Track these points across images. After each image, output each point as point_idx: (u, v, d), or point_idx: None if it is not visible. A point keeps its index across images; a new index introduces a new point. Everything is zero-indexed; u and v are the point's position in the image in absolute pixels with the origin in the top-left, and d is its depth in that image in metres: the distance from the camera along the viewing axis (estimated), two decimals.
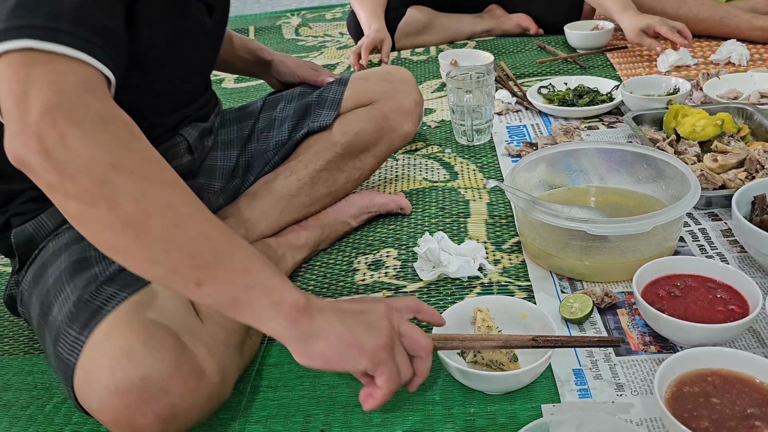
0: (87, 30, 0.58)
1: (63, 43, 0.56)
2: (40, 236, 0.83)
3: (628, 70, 1.68)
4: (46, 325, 0.72)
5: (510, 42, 2.00)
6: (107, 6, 0.62)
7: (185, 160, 0.93)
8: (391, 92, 1.08)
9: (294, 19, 2.70)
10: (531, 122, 1.45)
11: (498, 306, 0.81)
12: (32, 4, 0.56)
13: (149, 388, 0.62)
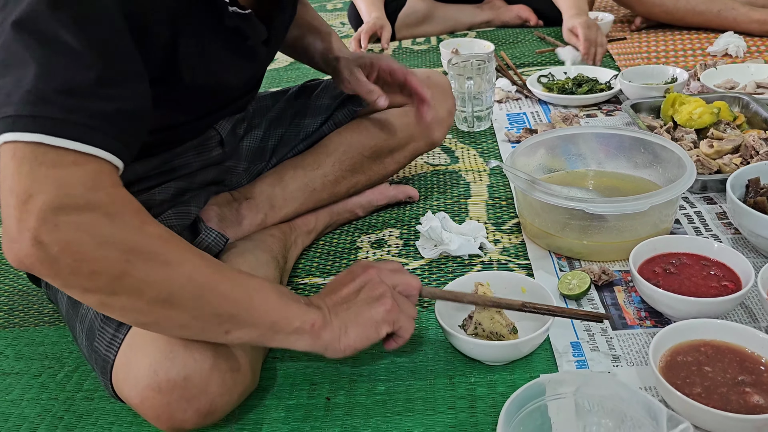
0: (101, 119, 0.55)
1: (74, 139, 0.53)
2: None
3: (627, 60, 1.70)
4: (77, 317, 0.74)
5: (510, 33, 2.02)
6: (127, 85, 0.58)
7: (215, 153, 0.93)
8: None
9: None
10: (531, 110, 1.47)
11: (498, 281, 0.83)
12: (48, 92, 0.53)
13: (190, 388, 0.64)
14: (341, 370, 0.78)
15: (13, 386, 0.81)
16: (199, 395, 0.65)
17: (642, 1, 1.86)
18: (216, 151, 0.94)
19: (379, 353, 0.79)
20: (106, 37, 0.57)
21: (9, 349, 0.88)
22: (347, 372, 0.77)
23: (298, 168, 1.02)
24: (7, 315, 0.96)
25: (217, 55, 0.77)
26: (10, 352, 0.87)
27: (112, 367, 0.68)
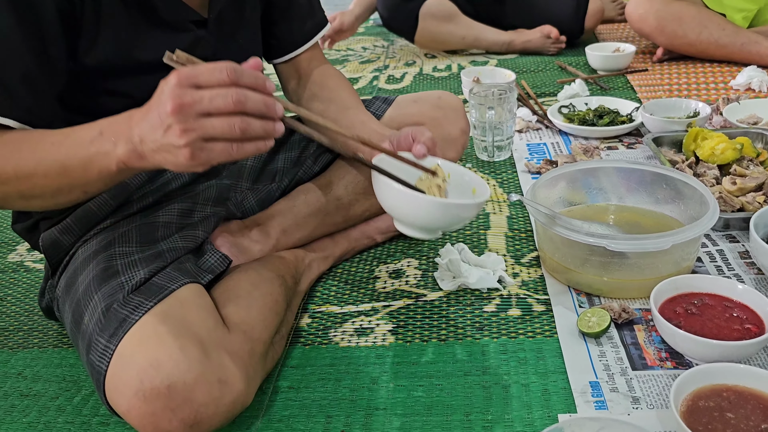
0: None
1: None
2: (67, 241, 0.86)
3: (649, 93, 1.70)
4: (78, 333, 0.75)
5: (531, 61, 2.03)
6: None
7: None
8: (440, 119, 1.04)
9: None
10: (551, 140, 1.47)
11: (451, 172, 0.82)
12: None
13: (175, 397, 0.65)
14: (358, 403, 0.77)
15: (30, 408, 0.81)
16: (183, 405, 0.65)
17: (664, 33, 1.85)
18: None
19: (397, 386, 0.79)
20: None
21: (27, 370, 0.89)
22: (364, 405, 0.77)
23: (311, 192, 1.02)
24: (26, 335, 0.97)
25: (125, 24, 0.78)
26: (28, 373, 0.88)
27: (104, 378, 0.69)
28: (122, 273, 0.78)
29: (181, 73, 0.60)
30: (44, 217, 0.90)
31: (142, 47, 0.81)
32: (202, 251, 0.88)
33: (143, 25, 0.81)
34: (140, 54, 0.81)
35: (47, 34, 0.72)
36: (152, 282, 0.76)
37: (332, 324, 0.92)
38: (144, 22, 0.81)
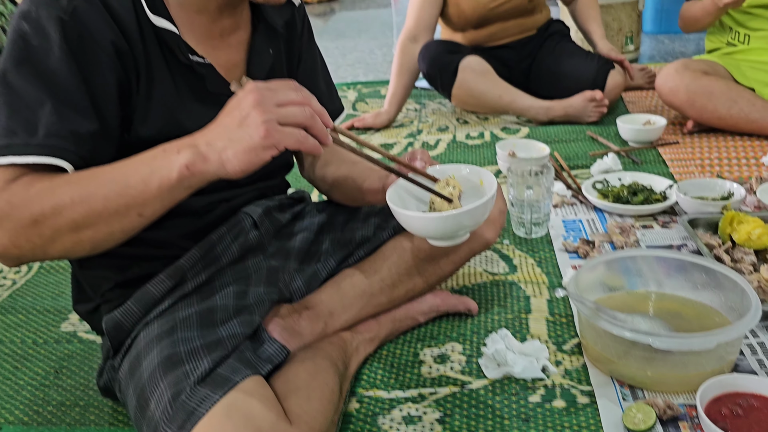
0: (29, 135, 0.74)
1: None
2: (128, 323, 0.90)
3: (681, 167, 1.73)
4: (144, 419, 0.79)
5: (562, 130, 2.08)
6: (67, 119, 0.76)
7: (252, 235, 1.00)
8: None
9: (350, 93, 2.83)
10: (586, 217, 1.50)
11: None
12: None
13: None
14: None
15: None
16: None
17: (695, 107, 1.89)
18: (252, 233, 0.99)
19: None
20: (63, 88, 0.75)
21: None
22: None
23: (356, 275, 1.06)
24: (82, 411, 1.00)
25: (175, 98, 0.86)
26: None
27: None
28: (186, 361, 0.81)
29: (256, 82, 0.72)
30: (105, 300, 0.95)
31: (189, 117, 0.88)
32: (259, 339, 0.92)
33: (189, 98, 0.88)
34: (187, 124, 0.87)
35: (106, 100, 0.80)
36: (217, 373, 0.80)
37: (380, 410, 0.94)
38: (190, 95, 0.88)
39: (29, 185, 0.73)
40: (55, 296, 1.37)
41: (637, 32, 2.99)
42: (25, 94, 0.75)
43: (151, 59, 0.84)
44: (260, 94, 0.70)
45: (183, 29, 0.85)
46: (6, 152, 0.73)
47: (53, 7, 0.76)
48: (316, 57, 1.09)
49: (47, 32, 0.76)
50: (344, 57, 3.75)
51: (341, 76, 3.25)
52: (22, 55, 0.76)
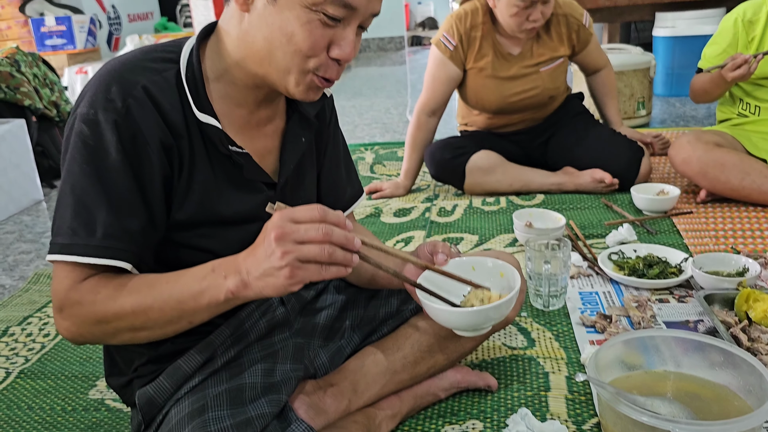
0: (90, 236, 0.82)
1: (57, 252, 0.83)
2: (160, 398, 0.94)
3: (695, 238, 1.76)
4: None
5: (577, 198, 2.12)
6: (122, 220, 0.84)
7: (279, 312, 1.03)
8: None
9: (368, 155, 2.90)
10: (603, 289, 1.53)
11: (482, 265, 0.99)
12: (66, 227, 0.83)
13: None
14: None
15: None
16: None
17: (707, 178, 1.93)
18: (279, 310, 1.03)
19: None
20: (118, 188, 0.83)
21: None
22: None
23: (379, 352, 1.09)
24: None
25: (212, 184, 0.91)
26: None
27: None
28: None
29: (282, 212, 0.77)
30: (138, 375, 0.98)
31: (223, 203, 0.93)
32: (286, 418, 0.94)
33: (226, 185, 0.93)
34: (221, 210, 0.93)
35: (154, 195, 0.86)
36: None
37: None
38: (227, 183, 0.93)
39: (95, 290, 0.81)
40: (83, 361, 1.40)
41: (648, 98, 3.06)
42: (85, 196, 0.82)
43: (194, 150, 0.89)
44: (283, 230, 0.74)
45: (224, 121, 0.91)
46: (70, 251, 0.82)
47: (109, 110, 0.82)
48: (339, 144, 1.15)
49: (104, 134, 0.82)
50: (361, 116, 3.85)
51: (358, 137, 3.33)
52: (82, 157, 0.82)
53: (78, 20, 4.45)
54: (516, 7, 1.93)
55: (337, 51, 0.87)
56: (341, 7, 0.83)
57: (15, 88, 2.87)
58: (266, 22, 0.85)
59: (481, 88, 2.13)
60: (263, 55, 0.87)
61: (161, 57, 0.89)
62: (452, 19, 2.10)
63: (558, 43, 2.13)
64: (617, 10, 3.54)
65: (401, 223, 2.07)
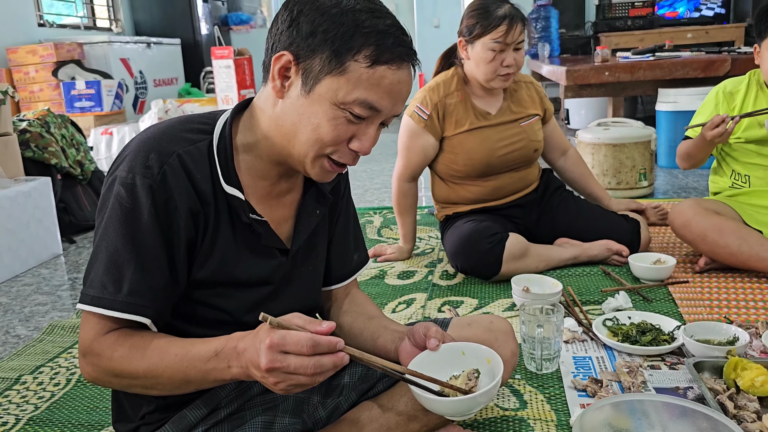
0: (117, 292, 0.91)
1: (88, 303, 0.92)
2: None
3: (690, 307, 1.80)
4: None
5: (576, 265, 2.17)
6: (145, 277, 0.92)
7: None
8: (491, 341, 1.15)
9: (377, 218, 2.99)
10: (596, 354, 1.56)
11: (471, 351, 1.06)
12: (98, 281, 0.92)
13: None
14: None
15: None
16: None
17: (706, 241, 1.96)
18: None
19: None
20: (146, 248, 0.91)
21: None
22: None
23: (374, 408, 1.13)
24: None
25: (232, 249, 0.99)
26: None
27: None
28: None
29: (273, 340, 0.81)
30: (145, 422, 1.03)
31: (240, 267, 1.00)
32: None
33: (244, 250, 1.00)
34: (237, 272, 0.99)
35: (178, 255, 0.94)
36: None
37: None
38: (245, 248, 1.00)
39: (113, 347, 0.91)
40: (89, 410, 1.45)
41: (650, 169, 3.15)
42: (117, 254, 0.91)
43: (219, 217, 0.97)
44: (272, 363, 0.81)
45: (248, 190, 1.00)
46: (98, 303, 0.91)
47: (147, 176, 0.91)
48: (350, 215, 1.23)
49: (140, 198, 0.90)
50: (371, 180, 3.96)
51: (368, 200, 3.43)
52: (119, 217, 0.91)
53: (107, 84, 4.68)
54: (492, 51, 2.01)
55: (357, 144, 0.96)
56: (367, 109, 0.92)
57: (44, 148, 3.02)
58: (297, 110, 0.93)
59: (467, 145, 2.11)
60: (290, 137, 0.95)
61: (197, 128, 0.98)
62: (425, 91, 2.15)
63: (530, 102, 2.23)
64: (620, 85, 3.68)
65: (404, 285, 2.13)
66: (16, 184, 2.63)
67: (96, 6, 6.00)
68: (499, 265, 2.02)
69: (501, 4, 2.02)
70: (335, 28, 0.89)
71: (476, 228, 2.05)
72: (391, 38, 0.90)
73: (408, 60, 0.93)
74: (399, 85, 0.93)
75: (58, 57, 4.68)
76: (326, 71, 0.90)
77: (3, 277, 2.49)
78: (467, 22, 2.06)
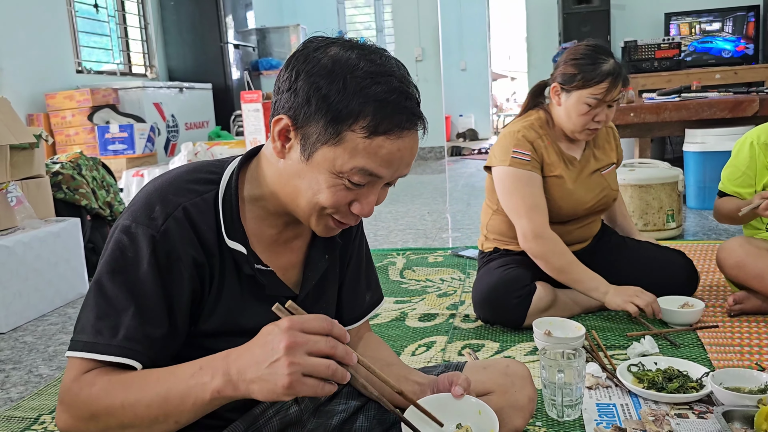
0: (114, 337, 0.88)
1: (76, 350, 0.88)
2: None
3: (719, 353, 1.74)
4: None
5: (602, 308, 2.12)
6: (145, 326, 0.89)
7: (292, 411, 1.07)
8: (507, 386, 1.13)
9: (399, 260, 2.98)
10: (620, 401, 1.51)
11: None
12: (89, 326, 0.89)
13: None
14: None
15: None
16: None
17: (764, 282, 1.89)
18: (292, 409, 1.06)
19: None
20: (145, 297, 0.89)
21: None
22: None
23: None
24: None
25: (238, 300, 0.97)
26: None
27: None
28: None
29: (292, 320, 0.78)
30: None
31: (246, 316, 0.99)
32: None
33: (250, 299, 0.99)
34: (243, 322, 0.98)
35: (179, 306, 0.92)
36: None
37: None
38: (251, 297, 0.99)
39: (93, 382, 0.85)
40: None
41: (677, 210, 3.09)
42: (113, 300, 0.88)
43: (225, 268, 0.96)
44: (295, 340, 0.76)
45: (253, 239, 0.99)
46: (91, 349, 0.87)
47: (149, 226, 0.90)
48: (362, 256, 1.21)
49: (140, 247, 0.89)
50: (396, 222, 3.97)
51: (392, 242, 3.43)
52: (117, 265, 0.89)
53: (139, 128, 4.81)
54: (587, 106, 1.93)
55: (357, 208, 0.94)
56: (366, 176, 0.90)
57: (74, 189, 3.10)
58: (298, 174, 0.92)
59: (557, 192, 2.03)
60: (292, 197, 0.95)
61: (204, 178, 0.98)
62: (515, 134, 2.01)
63: (609, 150, 2.18)
64: (647, 126, 3.66)
65: (425, 327, 2.10)
66: (47, 225, 2.69)
67: (132, 53, 6.22)
68: (523, 319, 1.97)
69: (606, 59, 1.92)
70: (331, 96, 0.86)
71: (505, 278, 1.99)
72: (389, 107, 0.86)
73: (409, 127, 0.89)
74: (399, 153, 0.89)
75: (94, 102, 4.84)
76: (322, 140, 0.88)
77: (30, 316, 2.53)
78: (567, 70, 1.96)
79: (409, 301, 2.38)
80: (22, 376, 1.97)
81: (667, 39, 5.57)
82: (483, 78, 9.98)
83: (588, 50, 1.95)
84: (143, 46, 6.31)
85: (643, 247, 2.20)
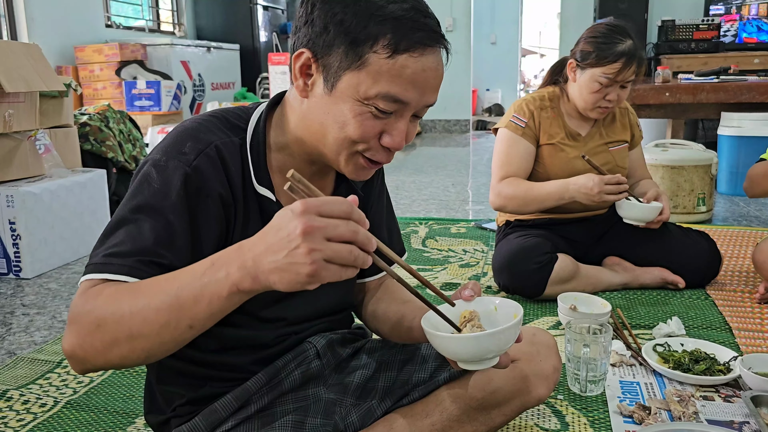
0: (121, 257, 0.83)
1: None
2: None
3: (748, 339, 1.70)
4: None
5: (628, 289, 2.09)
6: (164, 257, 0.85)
7: (314, 365, 1.06)
8: (533, 354, 1.12)
9: (422, 228, 2.95)
10: (645, 380, 1.49)
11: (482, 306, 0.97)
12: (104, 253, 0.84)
13: None
14: None
15: None
16: None
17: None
18: (315, 363, 1.06)
19: None
20: (171, 226, 0.86)
21: None
22: None
23: (408, 416, 1.09)
24: None
25: None
26: None
27: None
28: None
29: (308, 203, 0.70)
30: (176, 414, 1.02)
31: None
32: None
33: None
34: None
35: (205, 240, 0.90)
36: None
37: None
38: None
39: (99, 292, 0.80)
40: (125, 398, 1.46)
41: (709, 194, 3.02)
42: (136, 227, 0.85)
43: (249, 211, 0.96)
44: (312, 225, 0.68)
45: (279, 189, 0.98)
46: (102, 270, 0.82)
47: (181, 160, 0.89)
48: (383, 207, 1.19)
49: (170, 180, 0.88)
50: (419, 191, 3.94)
51: (414, 211, 3.40)
52: (143, 195, 0.87)
53: (166, 85, 4.80)
54: (598, 84, 1.94)
55: (387, 140, 0.91)
56: (392, 102, 0.88)
57: (101, 142, 3.11)
58: (323, 109, 0.91)
59: (552, 160, 2.06)
60: (319, 137, 0.93)
61: (232, 123, 0.97)
62: (521, 102, 2.10)
63: (621, 130, 2.15)
64: (681, 107, 3.56)
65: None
66: (74, 175, 2.70)
67: (161, 10, 6.19)
68: (544, 287, 1.95)
69: (623, 39, 1.92)
70: (348, 20, 0.85)
71: (525, 245, 1.98)
72: (408, 24, 0.85)
73: (431, 44, 0.87)
74: (424, 73, 0.87)
75: (122, 57, 4.83)
76: (345, 67, 0.86)
77: (54, 264, 2.56)
78: (584, 47, 1.97)
79: (431, 269, 2.36)
80: (45, 321, 2.00)
81: (707, 20, 5.42)
82: (513, 53, 9.80)
83: (607, 29, 1.95)
84: (172, 3, 6.28)
85: (665, 227, 2.16)
